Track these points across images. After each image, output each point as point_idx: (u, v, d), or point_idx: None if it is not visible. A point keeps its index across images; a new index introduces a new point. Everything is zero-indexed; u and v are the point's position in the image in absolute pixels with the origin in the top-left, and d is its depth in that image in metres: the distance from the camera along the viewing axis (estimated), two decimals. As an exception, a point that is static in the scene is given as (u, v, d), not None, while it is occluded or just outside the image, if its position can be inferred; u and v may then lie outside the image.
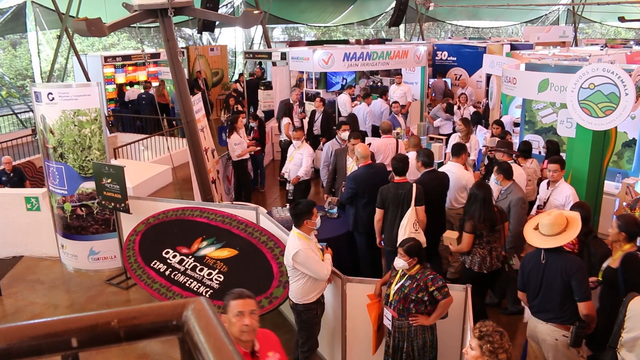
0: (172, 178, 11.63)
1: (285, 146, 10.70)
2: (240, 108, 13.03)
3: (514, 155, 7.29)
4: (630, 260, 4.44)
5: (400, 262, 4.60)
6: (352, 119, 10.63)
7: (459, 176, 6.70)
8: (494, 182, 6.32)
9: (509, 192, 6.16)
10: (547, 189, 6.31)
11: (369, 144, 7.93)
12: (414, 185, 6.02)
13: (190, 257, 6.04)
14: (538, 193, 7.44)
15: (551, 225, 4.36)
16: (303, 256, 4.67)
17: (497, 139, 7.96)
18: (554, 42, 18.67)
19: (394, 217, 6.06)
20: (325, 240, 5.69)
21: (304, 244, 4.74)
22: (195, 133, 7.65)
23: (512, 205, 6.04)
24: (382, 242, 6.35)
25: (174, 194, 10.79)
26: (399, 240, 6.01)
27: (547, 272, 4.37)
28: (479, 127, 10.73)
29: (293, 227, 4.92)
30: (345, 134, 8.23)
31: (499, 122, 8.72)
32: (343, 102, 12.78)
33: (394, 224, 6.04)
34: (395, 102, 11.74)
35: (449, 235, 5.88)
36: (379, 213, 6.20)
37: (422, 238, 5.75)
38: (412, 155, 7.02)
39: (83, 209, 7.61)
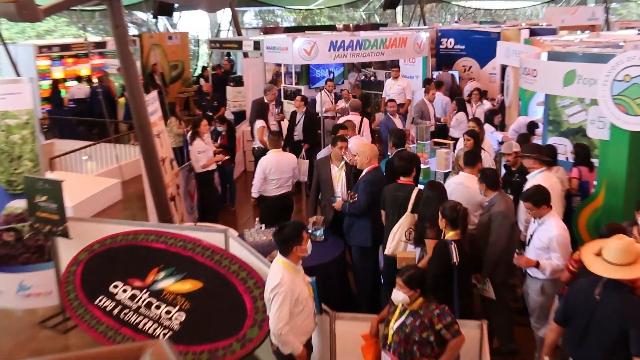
0: (121, 194, 11.55)
1: (259, 154, 10.70)
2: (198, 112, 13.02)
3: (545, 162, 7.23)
4: (436, 248, 5.52)
5: (399, 295, 4.59)
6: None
7: (473, 191, 6.68)
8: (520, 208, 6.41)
9: (492, 204, 6.25)
10: (534, 222, 6.10)
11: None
12: (416, 189, 6.40)
13: (144, 291, 5.99)
14: (565, 208, 7.52)
15: (622, 252, 4.26)
16: (282, 293, 4.65)
17: (514, 142, 7.97)
18: (581, 26, 18.95)
19: (390, 221, 6.44)
20: (311, 268, 5.68)
21: (288, 277, 4.71)
22: (150, 139, 7.63)
23: (492, 219, 6.15)
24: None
25: (125, 214, 10.71)
26: (387, 247, 6.37)
27: (600, 312, 4.28)
28: (487, 126, 10.74)
29: (278, 254, 4.92)
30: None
31: (471, 134, 8.50)
32: (321, 102, 12.80)
33: (390, 229, 6.42)
34: (392, 100, 11.81)
35: (405, 256, 6.13)
36: (382, 215, 6.65)
37: (410, 254, 6.13)
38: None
39: (11, 233, 7.53)
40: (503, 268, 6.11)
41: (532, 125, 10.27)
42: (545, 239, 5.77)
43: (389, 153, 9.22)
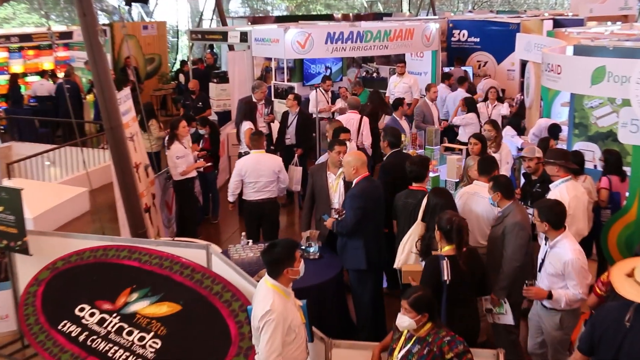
0: (89, 205, 11.53)
1: (246, 160, 10.69)
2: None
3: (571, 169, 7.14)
4: (427, 263, 5.69)
5: (404, 320, 4.59)
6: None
7: (490, 202, 6.72)
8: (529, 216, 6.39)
9: (506, 214, 6.27)
10: (545, 244, 5.92)
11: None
12: (427, 195, 6.54)
13: (114, 315, 5.97)
14: (594, 223, 7.53)
15: None
16: (273, 321, 4.61)
17: (536, 148, 7.93)
18: (612, 16, 18.97)
19: (402, 231, 6.65)
20: (304, 290, 5.67)
21: (279, 302, 4.68)
22: (122, 142, 7.61)
23: (507, 231, 6.17)
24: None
25: (93, 227, 10.68)
26: (397, 260, 6.49)
27: (631, 339, 4.22)
28: (508, 129, 10.72)
29: (266, 275, 4.90)
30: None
31: (477, 137, 8.42)
32: (315, 101, 12.78)
33: (401, 240, 6.60)
34: (402, 99, 11.82)
35: (411, 269, 6.18)
36: (394, 225, 7.00)
37: (417, 267, 6.21)
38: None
39: (-37, 249, 7.51)
40: (520, 288, 6.00)
41: (554, 129, 10.24)
42: (558, 264, 5.65)
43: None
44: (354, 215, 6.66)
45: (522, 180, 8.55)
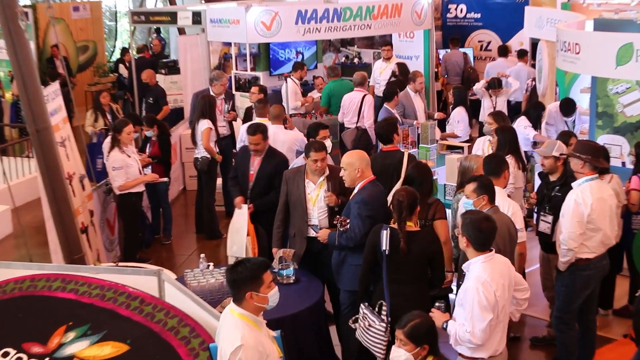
0: (12, 227, 11.44)
1: (204, 167, 10.61)
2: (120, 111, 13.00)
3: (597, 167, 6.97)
4: (370, 232, 6.35)
5: (400, 354, 4.59)
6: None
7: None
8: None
9: None
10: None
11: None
12: (406, 153, 7.89)
13: (47, 359, 5.93)
14: (623, 231, 7.57)
15: None
16: (247, 357, 4.60)
17: (560, 142, 7.65)
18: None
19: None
20: (278, 321, 5.67)
21: (250, 334, 4.67)
22: (51, 149, 7.56)
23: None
24: None
25: (17, 253, 10.61)
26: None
27: None
28: (522, 119, 10.68)
29: (231, 302, 4.88)
30: (327, 143, 8.14)
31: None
32: (290, 93, 12.82)
33: None
34: (393, 87, 11.84)
35: None
36: None
37: None
38: (273, 129, 9.55)
39: None
40: None
41: (567, 105, 10.25)
42: (461, 292, 5.40)
43: None
44: (363, 225, 6.58)
45: (537, 181, 8.54)
